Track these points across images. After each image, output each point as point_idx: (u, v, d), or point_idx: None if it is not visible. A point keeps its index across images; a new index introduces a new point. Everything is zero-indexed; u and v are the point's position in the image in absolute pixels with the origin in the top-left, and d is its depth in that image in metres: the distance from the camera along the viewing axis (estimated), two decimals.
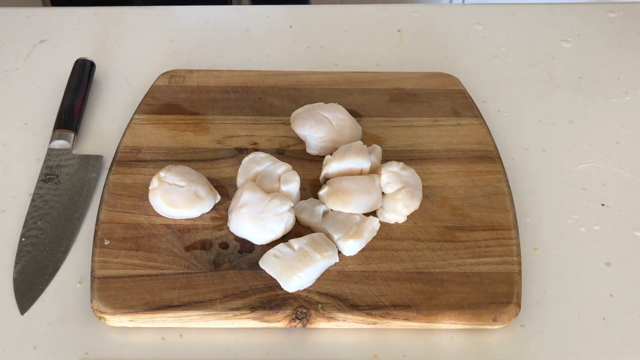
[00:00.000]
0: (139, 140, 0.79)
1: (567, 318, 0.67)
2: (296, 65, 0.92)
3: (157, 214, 0.72)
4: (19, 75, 0.91)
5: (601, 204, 0.77)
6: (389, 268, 0.68)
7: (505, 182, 0.76)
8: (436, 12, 1.03)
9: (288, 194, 0.72)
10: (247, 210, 0.69)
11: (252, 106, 0.84)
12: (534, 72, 0.93)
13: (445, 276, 0.67)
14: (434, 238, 0.71)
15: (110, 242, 0.69)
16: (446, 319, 0.65)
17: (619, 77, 0.93)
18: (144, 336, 0.65)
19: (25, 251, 0.70)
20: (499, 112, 0.87)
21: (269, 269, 0.66)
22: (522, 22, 1.01)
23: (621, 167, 0.81)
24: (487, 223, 0.72)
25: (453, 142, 0.80)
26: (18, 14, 0.99)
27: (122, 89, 0.89)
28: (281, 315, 0.64)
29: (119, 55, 0.94)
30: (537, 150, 0.83)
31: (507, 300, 0.66)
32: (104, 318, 0.64)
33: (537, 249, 0.73)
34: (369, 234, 0.69)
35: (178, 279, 0.66)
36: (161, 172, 0.72)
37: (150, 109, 0.83)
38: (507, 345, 0.65)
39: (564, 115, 0.87)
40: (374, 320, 0.64)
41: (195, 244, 0.69)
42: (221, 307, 0.64)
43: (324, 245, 0.67)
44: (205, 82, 0.87)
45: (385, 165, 0.74)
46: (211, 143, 0.79)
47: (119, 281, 0.66)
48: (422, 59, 0.94)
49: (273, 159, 0.75)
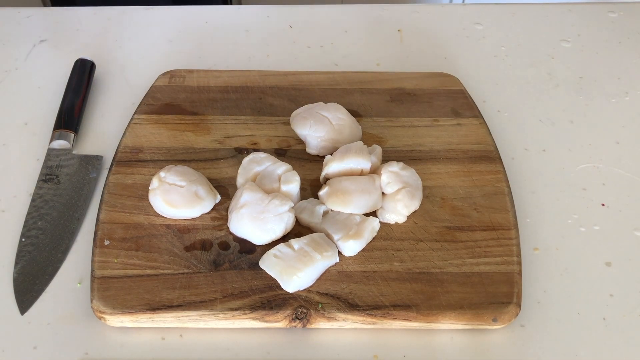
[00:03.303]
0: (139, 140, 0.79)
1: (567, 318, 0.67)
2: (296, 65, 0.92)
3: (157, 214, 0.72)
4: (19, 75, 0.91)
5: (601, 204, 0.77)
6: (389, 268, 0.68)
7: (505, 182, 0.76)
8: (436, 12, 1.03)
9: (288, 194, 0.72)
10: (247, 211, 0.69)
11: (252, 106, 0.84)
12: (534, 72, 0.93)
13: (445, 276, 0.67)
14: (434, 238, 0.71)
15: (110, 242, 0.69)
16: (446, 319, 0.65)
17: (619, 77, 0.93)
18: (144, 336, 0.65)
19: (25, 251, 0.70)
20: (499, 112, 0.87)
21: (269, 269, 0.66)
22: (522, 22, 1.01)
23: (621, 167, 0.81)
24: (487, 223, 0.72)
25: (453, 142, 0.80)
26: (18, 14, 0.99)
27: (122, 89, 0.89)
28: (281, 315, 0.64)
29: (119, 55, 0.94)
30: (537, 150, 0.83)
31: (507, 300, 0.66)
32: (104, 318, 0.64)
33: (537, 249, 0.73)
34: (369, 234, 0.69)
35: (178, 279, 0.66)
36: (161, 172, 0.72)
37: (150, 109, 0.83)
38: (507, 345, 0.65)
39: (564, 115, 0.87)
40: (374, 320, 0.64)
41: (195, 244, 0.69)
42: (221, 307, 0.64)
43: (324, 245, 0.67)
44: (205, 82, 0.87)
45: (386, 165, 0.74)
46: (211, 143, 0.79)
47: (119, 281, 0.66)
48: (422, 59, 0.94)
49: (273, 159, 0.75)
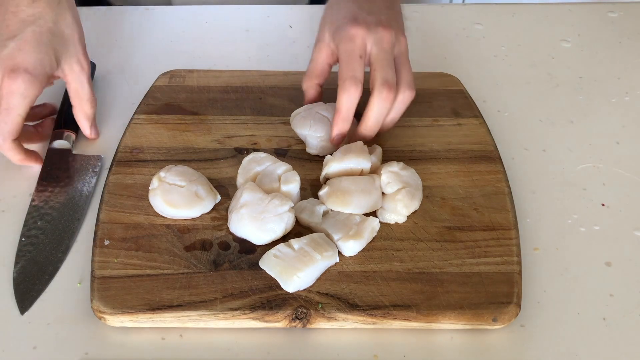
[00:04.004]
0: (139, 140, 0.79)
1: (567, 318, 0.67)
2: (296, 65, 0.92)
3: (157, 214, 0.72)
4: None
5: (601, 204, 0.77)
6: (389, 268, 0.68)
7: (505, 182, 0.76)
8: (436, 12, 1.03)
9: (288, 194, 0.72)
10: (247, 211, 0.69)
11: (252, 106, 0.84)
12: (534, 72, 0.93)
13: (445, 276, 0.67)
14: (434, 238, 0.71)
15: (110, 242, 0.69)
16: (446, 319, 0.65)
17: (619, 77, 0.93)
18: (144, 336, 0.65)
19: (25, 251, 0.70)
20: (499, 112, 0.87)
21: (269, 269, 0.66)
22: (522, 22, 1.01)
23: (621, 167, 0.81)
24: (487, 223, 0.72)
25: (453, 142, 0.80)
26: None
27: (122, 89, 0.89)
28: (281, 315, 0.64)
29: (119, 55, 0.94)
30: (537, 150, 0.83)
31: (507, 300, 0.66)
32: (104, 318, 0.64)
33: (537, 249, 0.73)
34: (369, 234, 0.69)
35: (178, 279, 0.66)
36: (161, 172, 0.72)
37: (150, 109, 0.83)
38: (507, 345, 0.65)
39: (564, 115, 0.87)
40: (374, 320, 0.64)
41: (195, 244, 0.69)
42: (221, 307, 0.64)
43: (324, 245, 0.67)
44: (205, 82, 0.87)
45: (386, 165, 0.74)
46: (211, 143, 0.79)
47: (119, 281, 0.66)
48: (422, 59, 0.94)
49: (273, 159, 0.75)
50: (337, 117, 0.74)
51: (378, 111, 0.73)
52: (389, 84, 0.72)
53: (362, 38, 0.74)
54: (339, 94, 0.73)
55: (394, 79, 0.73)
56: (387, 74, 0.73)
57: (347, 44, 0.74)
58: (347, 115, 0.74)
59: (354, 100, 0.73)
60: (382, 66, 0.73)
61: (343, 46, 0.74)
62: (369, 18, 0.75)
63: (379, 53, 0.74)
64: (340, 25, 0.76)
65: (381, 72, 0.73)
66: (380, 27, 0.75)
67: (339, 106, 0.73)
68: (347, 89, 0.72)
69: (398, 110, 0.75)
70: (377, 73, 0.73)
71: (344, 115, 0.74)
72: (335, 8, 0.79)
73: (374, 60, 0.74)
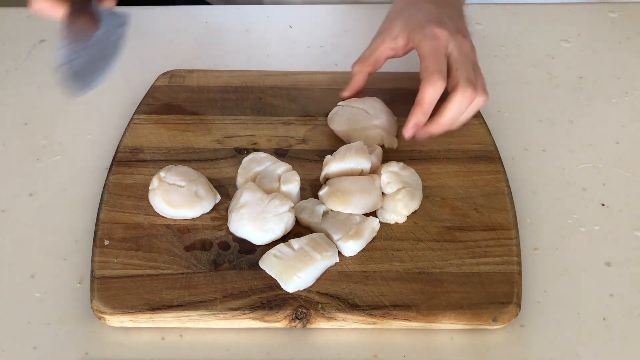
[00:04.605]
0: (139, 140, 0.79)
1: (567, 318, 0.67)
2: (296, 65, 0.92)
3: (157, 214, 0.72)
4: (19, 75, 0.91)
5: (601, 204, 0.77)
6: (389, 268, 0.68)
7: (505, 182, 0.76)
8: None
9: (288, 194, 0.72)
10: (247, 211, 0.69)
11: (252, 106, 0.84)
12: (534, 72, 0.93)
13: (445, 276, 0.67)
14: (434, 238, 0.71)
15: (110, 242, 0.69)
16: (446, 319, 0.65)
17: (619, 77, 0.93)
18: (144, 336, 0.65)
19: None
20: (499, 112, 0.87)
21: (269, 269, 0.66)
22: (522, 22, 1.01)
23: (621, 167, 0.81)
24: (487, 223, 0.72)
25: (453, 142, 0.80)
26: (18, 14, 0.99)
27: (122, 89, 0.89)
28: (281, 315, 0.64)
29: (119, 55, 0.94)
30: (537, 150, 0.83)
31: (507, 300, 0.66)
32: (103, 318, 0.64)
33: (537, 249, 0.73)
34: (369, 234, 0.69)
35: (178, 279, 0.66)
36: (161, 172, 0.72)
37: (150, 109, 0.83)
38: (507, 345, 0.65)
39: (564, 115, 0.87)
40: (374, 320, 0.64)
41: (195, 244, 0.69)
42: (221, 307, 0.64)
43: (324, 245, 0.67)
44: (205, 82, 0.87)
45: (386, 165, 0.74)
46: (211, 143, 0.79)
47: (119, 281, 0.66)
48: None
49: (273, 159, 0.75)
50: (418, 109, 0.74)
51: (457, 108, 0.74)
52: (473, 84, 0.73)
53: (446, 39, 0.75)
54: (423, 87, 0.73)
55: (475, 80, 0.74)
56: (471, 74, 0.74)
57: (433, 41, 0.75)
58: (429, 109, 0.74)
59: (437, 94, 0.73)
60: (466, 68, 0.74)
61: (428, 42, 0.75)
62: (450, 23, 0.77)
63: (460, 55, 0.75)
64: (421, 23, 0.76)
65: (465, 72, 0.74)
66: (460, 35, 0.76)
67: (422, 98, 0.73)
68: (434, 82, 0.72)
69: (471, 112, 0.76)
70: (460, 73, 0.74)
71: (426, 108, 0.74)
72: (412, 6, 0.79)
73: (456, 60, 0.75)
